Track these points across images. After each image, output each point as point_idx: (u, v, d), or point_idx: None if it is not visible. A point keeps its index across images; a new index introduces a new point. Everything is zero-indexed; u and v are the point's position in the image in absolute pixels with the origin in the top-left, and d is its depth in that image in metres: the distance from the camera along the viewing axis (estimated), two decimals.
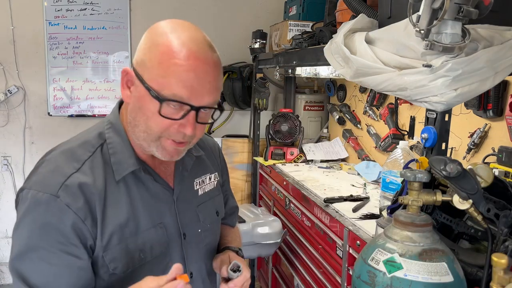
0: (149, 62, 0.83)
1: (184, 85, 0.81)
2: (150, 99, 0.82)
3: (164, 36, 0.83)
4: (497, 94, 1.63)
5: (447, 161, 0.87)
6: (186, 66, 0.80)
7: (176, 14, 3.23)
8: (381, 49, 1.12)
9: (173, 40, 0.82)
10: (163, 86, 0.81)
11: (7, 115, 3.11)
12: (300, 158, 2.85)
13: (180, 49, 0.81)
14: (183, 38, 0.83)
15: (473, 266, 0.93)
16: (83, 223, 0.83)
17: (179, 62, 0.80)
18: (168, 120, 0.83)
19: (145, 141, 0.88)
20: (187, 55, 0.81)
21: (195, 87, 0.82)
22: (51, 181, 0.84)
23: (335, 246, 1.76)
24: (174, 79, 0.80)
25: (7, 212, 3.21)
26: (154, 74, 0.82)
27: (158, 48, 0.82)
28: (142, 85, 0.83)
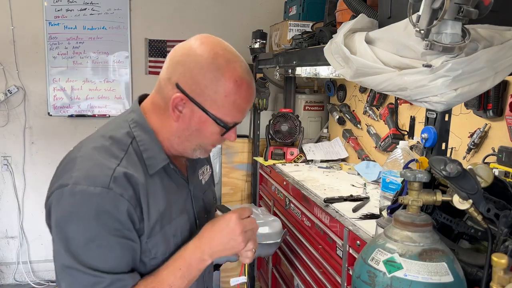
0: (213, 94, 0.92)
1: (242, 112, 0.97)
2: (212, 124, 0.95)
3: (223, 67, 0.92)
4: (497, 94, 1.63)
5: (447, 161, 0.87)
6: (246, 98, 0.96)
7: (176, 14, 3.24)
8: (381, 49, 1.12)
9: (234, 73, 0.93)
10: (228, 115, 0.95)
11: (7, 115, 3.11)
12: (300, 158, 2.85)
13: (241, 83, 0.94)
14: (240, 72, 0.94)
15: (473, 266, 0.93)
16: (134, 210, 0.90)
17: (241, 96, 0.94)
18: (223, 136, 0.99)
19: (192, 150, 1.01)
20: (246, 89, 0.95)
21: (246, 110, 0.99)
22: (99, 175, 0.88)
23: (335, 246, 1.76)
24: (236, 109, 0.95)
25: (7, 212, 3.21)
26: (219, 105, 0.93)
27: (221, 83, 0.92)
28: (204, 112, 0.94)
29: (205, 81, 0.92)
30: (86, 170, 0.90)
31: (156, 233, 0.95)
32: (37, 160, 3.21)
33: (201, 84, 0.92)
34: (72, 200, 0.87)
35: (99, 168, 0.89)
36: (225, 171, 3.12)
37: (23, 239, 3.26)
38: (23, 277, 3.28)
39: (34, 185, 3.22)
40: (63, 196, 0.88)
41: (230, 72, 0.93)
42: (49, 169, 3.21)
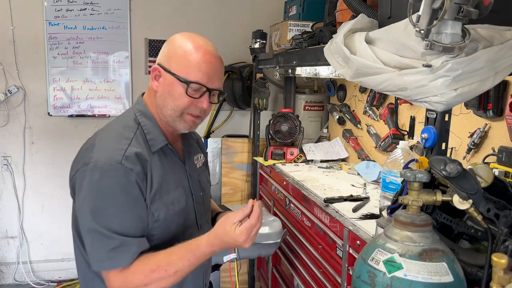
0: (175, 58, 1.16)
1: (202, 73, 1.15)
2: (178, 83, 1.15)
3: (185, 40, 1.18)
4: (497, 94, 1.63)
5: (447, 161, 0.87)
6: (205, 60, 1.15)
7: (176, 14, 3.24)
8: (381, 49, 1.12)
9: (193, 42, 1.17)
10: (188, 74, 1.14)
11: (7, 115, 3.11)
12: (300, 158, 2.85)
13: (199, 49, 1.16)
14: (200, 42, 1.18)
15: (473, 266, 0.93)
16: (142, 182, 1.11)
17: (200, 57, 1.15)
18: (190, 98, 1.16)
19: (171, 117, 1.19)
20: (204, 52, 1.16)
21: (210, 74, 1.16)
22: (114, 154, 1.10)
23: (335, 246, 1.76)
24: (196, 68, 1.14)
25: (7, 212, 3.21)
26: (181, 66, 1.15)
27: (182, 47, 1.16)
28: (171, 75, 1.15)
29: (172, 51, 1.18)
30: (103, 151, 1.11)
31: (157, 199, 1.15)
32: (37, 160, 3.21)
33: (169, 54, 1.18)
34: (94, 174, 1.08)
35: (113, 149, 1.11)
36: (225, 171, 3.12)
37: (23, 239, 3.26)
38: (23, 277, 3.28)
39: (34, 185, 3.22)
40: (87, 173, 1.09)
41: (190, 41, 1.17)
42: (49, 169, 3.23)
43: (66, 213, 3.60)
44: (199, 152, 1.43)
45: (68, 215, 2.55)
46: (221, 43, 3.32)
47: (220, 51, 1.23)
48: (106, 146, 1.13)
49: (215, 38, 3.33)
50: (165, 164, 1.21)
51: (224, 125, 3.42)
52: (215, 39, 3.30)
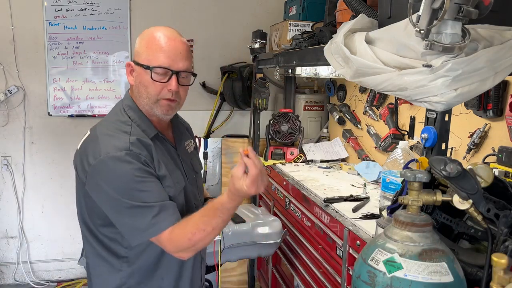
0: (140, 50, 1.25)
1: (164, 56, 1.22)
2: (144, 72, 1.23)
3: (148, 31, 1.26)
4: (497, 94, 1.63)
5: (447, 161, 0.87)
6: (164, 44, 1.22)
7: (176, 14, 3.24)
8: (381, 49, 1.12)
9: (154, 32, 1.25)
10: (151, 60, 1.22)
11: (7, 115, 3.11)
12: (300, 158, 2.85)
13: (159, 36, 1.23)
14: (161, 30, 1.26)
15: (473, 266, 0.93)
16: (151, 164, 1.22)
17: (159, 43, 1.22)
18: (159, 83, 1.23)
19: (148, 105, 1.27)
20: (164, 38, 1.23)
21: (172, 57, 1.22)
22: (119, 143, 1.19)
23: (335, 246, 1.76)
24: (156, 53, 1.22)
25: (7, 212, 3.21)
26: (144, 55, 1.23)
27: (144, 39, 1.25)
28: (139, 66, 1.24)
29: (138, 45, 1.27)
30: (109, 142, 1.20)
31: (167, 178, 1.25)
32: (37, 160, 3.21)
33: (137, 49, 1.26)
34: (111, 164, 1.17)
35: (118, 139, 1.20)
36: (225, 171, 3.12)
37: (23, 239, 3.26)
38: (23, 277, 3.28)
39: (34, 185, 3.22)
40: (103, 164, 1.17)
41: (153, 31, 1.25)
42: (49, 169, 3.23)
43: (66, 213, 3.60)
44: (189, 138, 1.53)
45: (68, 215, 2.57)
46: (221, 43, 3.32)
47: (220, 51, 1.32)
48: (110, 138, 1.22)
49: (215, 38, 3.37)
50: (162, 151, 1.32)
51: (224, 125, 3.42)
52: (215, 39, 3.33)
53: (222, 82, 3.19)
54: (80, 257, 2.00)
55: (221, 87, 3.22)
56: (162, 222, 1.17)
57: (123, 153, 1.17)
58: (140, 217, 1.17)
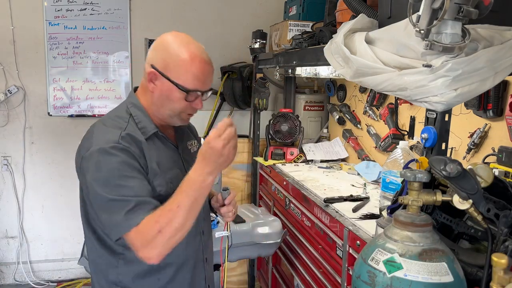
0: (173, 68, 1.24)
1: (199, 81, 1.25)
2: (177, 90, 1.24)
3: (181, 50, 1.24)
4: (497, 94, 1.63)
5: (447, 161, 0.87)
6: (200, 69, 1.24)
7: (176, 14, 3.24)
8: (381, 49, 1.12)
9: (189, 53, 1.24)
10: (187, 83, 1.24)
11: (7, 115, 3.11)
12: (300, 158, 2.85)
13: (195, 59, 1.24)
14: (193, 50, 1.25)
15: (473, 266, 0.93)
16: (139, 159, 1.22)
17: (195, 67, 1.24)
18: (188, 102, 1.27)
19: (169, 116, 1.30)
20: (200, 61, 1.25)
21: (204, 80, 1.27)
22: (110, 137, 1.21)
23: (335, 246, 1.76)
24: (193, 77, 1.24)
25: (7, 212, 3.21)
26: (179, 75, 1.23)
27: (179, 58, 1.24)
28: (169, 82, 1.23)
29: (168, 59, 1.24)
30: (101, 136, 1.23)
31: (159, 176, 1.25)
32: (37, 160, 3.21)
33: (166, 61, 1.24)
34: (97, 156, 1.18)
35: (110, 133, 1.23)
36: (225, 171, 3.12)
37: (23, 239, 3.26)
38: (23, 277, 3.28)
39: (34, 185, 3.22)
40: (91, 156, 1.19)
41: (185, 50, 1.24)
42: (49, 169, 3.23)
43: (66, 213, 3.60)
44: (192, 138, 1.52)
45: (68, 215, 2.58)
46: (221, 43, 3.32)
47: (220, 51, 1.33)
48: (103, 132, 1.25)
49: (215, 38, 3.36)
50: (160, 149, 1.32)
51: None
52: (215, 39, 3.33)
53: (222, 82, 3.19)
54: (80, 257, 2.01)
55: (221, 87, 3.22)
56: (135, 218, 1.14)
57: (110, 145, 1.18)
58: (115, 211, 1.15)
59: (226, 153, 1.16)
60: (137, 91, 1.36)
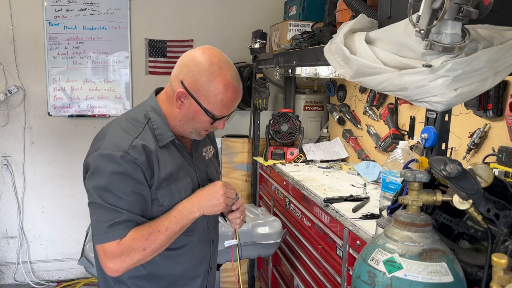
0: (205, 94, 1.22)
1: (228, 109, 1.26)
2: (203, 114, 1.24)
3: (216, 73, 1.21)
4: (497, 94, 1.63)
5: (447, 161, 0.87)
6: (231, 98, 1.24)
7: (176, 14, 3.24)
8: (381, 49, 1.12)
9: (224, 82, 1.21)
10: (216, 110, 1.24)
11: (7, 115, 3.11)
12: (300, 158, 2.85)
13: (228, 88, 1.22)
14: (229, 77, 1.23)
15: (473, 266, 0.93)
16: (146, 171, 1.20)
17: (227, 97, 1.23)
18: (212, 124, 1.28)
19: (189, 132, 1.30)
20: (233, 91, 1.24)
21: (232, 107, 1.28)
22: (121, 143, 1.19)
23: (335, 246, 1.76)
24: (223, 106, 1.24)
25: (7, 212, 3.21)
26: (209, 101, 1.22)
27: (213, 86, 1.21)
28: (198, 105, 1.23)
29: (201, 82, 1.21)
30: (112, 140, 1.21)
31: (163, 187, 1.24)
32: (37, 160, 3.21)
33: (198, 84, 1.21)
34: (102, 159, 1.18)
35: (122, 139, 1.21)
36: (225, 171, 3.12)
37: (23, 239, 3.26)
38: (23, 277, 3.28)
39: (34, 185, 3.22)
40: (96, 157, 1.19)
41: (220, 77, 1.21)
42: (49, 169, 3.23)
43: (66, 213, 3.61)
44: (208, 144, 1.51)
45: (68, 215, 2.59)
46: (221, 43, 3.32)
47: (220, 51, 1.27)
48: (116, 136, 1.23)
49: (215, 38, 3.36)
50: (174, 157, 1.31)
51: None
52: (215, 39, 3.33)
53: None
54: (80, 257, 2.00)
55: None
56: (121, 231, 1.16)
57: (119, 154, 1.17)
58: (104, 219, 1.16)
59: (221, 201, 1.25)
60: (160, 96, 1.33)
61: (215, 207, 1.26)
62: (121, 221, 1.16)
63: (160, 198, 1.24)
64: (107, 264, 1.16)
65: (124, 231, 1.16)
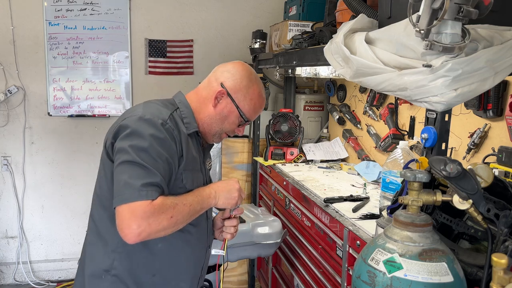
0: (243, 96, 1.35)
1: (255, 114, 1.40)
2: (237, 116, 1.36)
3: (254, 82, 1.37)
4: (497, 94, 1.63)
5: (447, 161, 0.87)
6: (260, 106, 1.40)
7: (176, 14, 3.24)
8: (381, 49, 1.12)
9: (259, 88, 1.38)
10: (247, 113, 1.37)
11: (7, 115, 3.11)
12: (300, 158, 2.85)
13: (260, 96, 1.39)
14: (261, 88, 1.40)
15: (473, 266, 0.93)
16: (177, 146, 1.24)
17: (259, 104, 1.39)
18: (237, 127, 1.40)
19: (213, 132, 1.38)
20: (262, 101, 1.40)
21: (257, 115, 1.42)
22: (160, 113, 1.25)
23: (335, 246, 1.76)
24: (253, 111, 1.38)
25: (7, 212, 3.21)
26: (245, 104, 1.35)
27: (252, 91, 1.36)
28: (234, 105, 1.34)
29: (241, 86, 1.34)
30: (151, 109, 1.26)
31: (189, 170, 1.28)
32: (37, 160, 3.21)
33: (238, 87, 1.34)
34: (142, 122, 1.20)
35: (160, 110, 1.27)
36: (225, 171, 3.12)
37: (23, 239, 3.26)
38: (23, 277, 3.28)
39: (34, 185, 3.22)
40: (136, 120, 1.21)
41: (256, 85, 1.37)
42: (49, 169, 3.23)
43: (66, 213, 3.61)
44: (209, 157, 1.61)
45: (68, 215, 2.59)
46: (221, 43, 3.32)
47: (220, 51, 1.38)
48: (153, 107, 1.28)
49: (215, 38, 3.36)
50: (195, 149, 1.35)
51: None
52: (215, 39, 3.33)
53: None
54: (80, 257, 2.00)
55: None
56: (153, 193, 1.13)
57: (159, 121, 1.21)
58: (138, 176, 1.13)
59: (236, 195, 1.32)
60: (189, 95, 1.41)
61: (229, 199, 1.31)
62: (154, 183, 1.14)
63: (184, 178, 1.26)
64: (132, 225, 1.08)
65: (156, 194, 1.13)
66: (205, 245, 1.41)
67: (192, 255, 1.36)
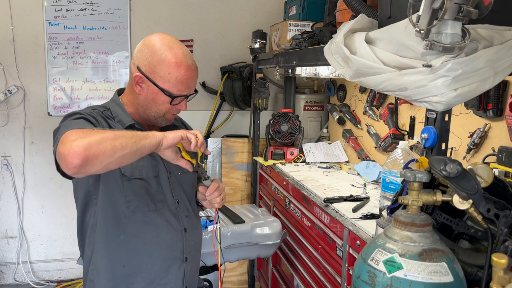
0: (159, 73, 1.28)
1: (184, 86, 1.31)
2: (162, 94, 1.29)
3: (168, 55, 1.27)
4: (497, 94, 1.63)
5: (447, 161, 0.87)
6: (185, 75, 1.29)
7: (175, 14, 3.24)
8: (381, 49, 1.12)
9: (175, 59, 1.27)
10: (172, 88, 1.29)
11: (7, 115, 3.11)
12: (300, 158, 2.85)
13: (181, 65, 1.28)
14: (180, 56, 1.29)
15: (473, 266, 0.93)
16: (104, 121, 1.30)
17: (180, 73, 1.29)
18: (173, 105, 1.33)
19: (154, 118, 1.36)
20: (186, 68, 1.29)
21: (189, 85, 1.32)
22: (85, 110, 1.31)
23: (335, 246, 1.76)
24: (178, 83, 1.29)
25: (7, 212, 3.21)
26: (165, 81, 1.28)
27: (166, 64, 1.27)
28: (155, 86, 1.29)
29: (154, 62, 1.28)
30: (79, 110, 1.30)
31: None
32: (37, 160, 3.21)
33: (152, 65, 1.28)
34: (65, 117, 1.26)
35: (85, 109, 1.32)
36: (225, 171, 3.12)
37: (23, 239, 3.26)
38: (23, 277, 3.28)
39: (34, 185, 3.22)
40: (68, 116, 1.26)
41: (171, 55, 1.27)
42: (49, 169, 3.23)
43: (66, 213, 3.60)
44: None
45: (68, 215, 2.57)
46: (221, 43, 3.32)
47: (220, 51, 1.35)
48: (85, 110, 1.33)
49: (215, 38, 3.36)
50: None
51: (224, 125, 3.42)
52: (215, 39, 3.33)
53: (222, 82, 3.19)
54: (79, 257, 2.00)
55: (221, 87, 3.22)
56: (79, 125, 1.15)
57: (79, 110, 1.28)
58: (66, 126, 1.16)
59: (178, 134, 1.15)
60: (122, 96, 1.43)
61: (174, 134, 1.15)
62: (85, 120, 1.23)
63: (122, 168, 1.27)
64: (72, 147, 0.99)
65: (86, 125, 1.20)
66: (176, 228, 1.39)
67: (160, 239, 1.36)
